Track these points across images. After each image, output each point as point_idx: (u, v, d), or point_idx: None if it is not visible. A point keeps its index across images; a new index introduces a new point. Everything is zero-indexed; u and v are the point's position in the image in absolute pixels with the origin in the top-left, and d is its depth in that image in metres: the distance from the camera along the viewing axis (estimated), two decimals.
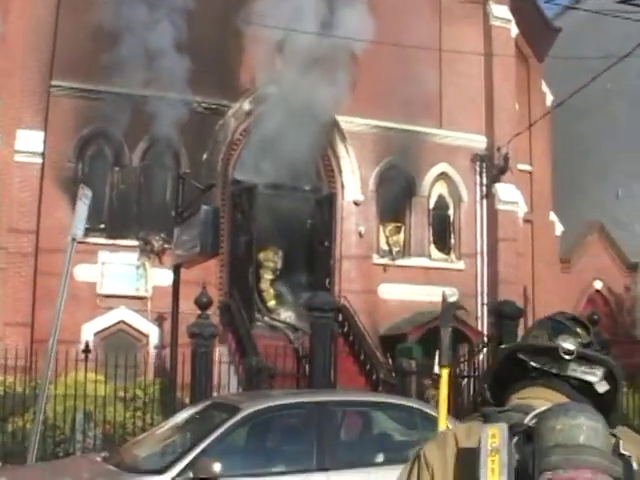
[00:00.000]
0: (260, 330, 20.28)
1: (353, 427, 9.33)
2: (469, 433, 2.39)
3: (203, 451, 7.61)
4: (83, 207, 11.62)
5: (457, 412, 9.96)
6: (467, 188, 24.02)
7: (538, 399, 2.39)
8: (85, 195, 11.70)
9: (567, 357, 2.45)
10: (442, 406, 3.63)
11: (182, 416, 9.70)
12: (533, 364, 2.50)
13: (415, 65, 22.35)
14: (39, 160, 20.24)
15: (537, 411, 2.29)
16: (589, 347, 2.54)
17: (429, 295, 22.47)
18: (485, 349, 14.73)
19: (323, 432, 8.27)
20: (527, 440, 2.22)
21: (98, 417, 14.23)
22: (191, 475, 7.40)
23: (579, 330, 2.71)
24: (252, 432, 8.51)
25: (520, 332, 13.55)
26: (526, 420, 2.27)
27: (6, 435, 13.78)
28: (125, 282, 20.32)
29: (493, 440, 2.19)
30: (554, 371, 2.47)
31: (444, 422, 3.59)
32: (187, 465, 7.46)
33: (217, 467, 7.32)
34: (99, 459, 8.53)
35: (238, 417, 8.02)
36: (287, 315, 22.13)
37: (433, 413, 9.00)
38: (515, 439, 2.22)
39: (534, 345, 2.56)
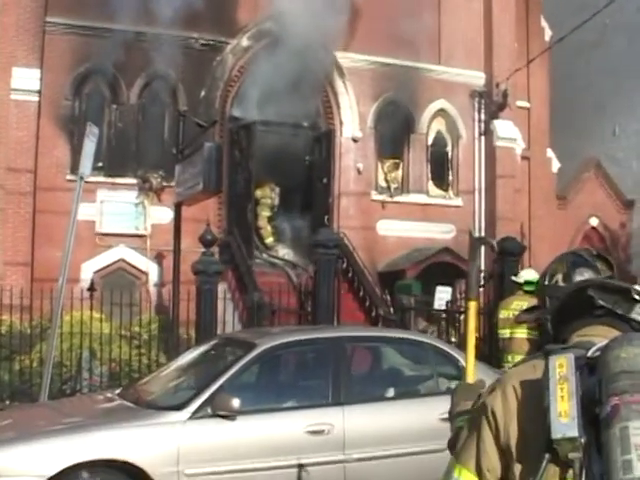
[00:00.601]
0: (259, 267, 20.31)
1: (365, 362, 9.41)
2: (534, 370, 2.40)
3: (221, 387, 7.67)
4: (90, 145, 11.57)
5: (459, 347, 10.02)
6: (465, 125, 23.91)
7: (599, 337, 2.41)
8: (92, 133, 11.64)
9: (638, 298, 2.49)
10: (470, 339, 3.64)
11: (193, 353, 9.77)
12: (601, 302, 2.51)
13: (414, 0, 22.12)
14: (35, 98, 20.07)
15: (600, 344, 2.31)
16: None
17: (427, 232, 22.58)
18: (485, 286, 14.75)
19: (338, 367, 8.33)
20: (590, 373, 2.25)
21: (103, 355, 14.30)
22: (209, 411, 7.48)
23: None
24: (268, 368, 8.58)
25: (520, 269, 13.58)
26: (589, 353, 2.30)
27: (13, 374, 13.86)
28: (124, 220, 20.27)
29: (561, 369, 2.25)
30: (619, 311, 2.49)
31: (472, 354, 3.60)
32: (205, 401, 7.54)
33: (236, 403, 7.39)
34: (115, 396, 8.59)
35: (254, 353, 8.07)
36: (285, 252, 22.16)
37: (445, 348, 9.10)
38: (578, 372, 2.25)
39: (606, 283, 2.57)
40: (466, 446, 2.48)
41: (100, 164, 20.14)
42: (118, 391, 8.95)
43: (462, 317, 16.25)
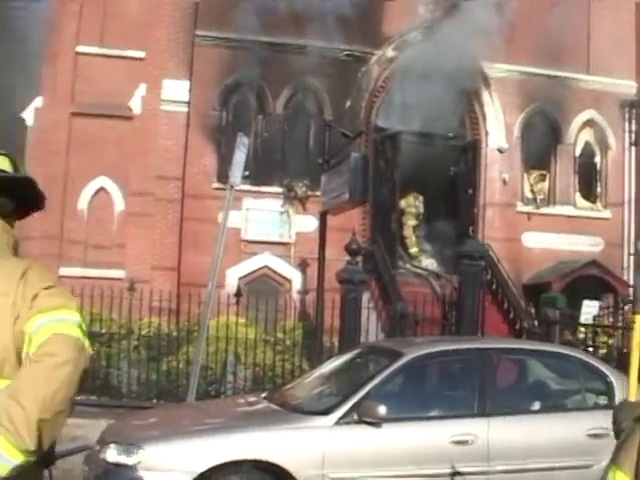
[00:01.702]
0: (403, 277, 20.26)
1: (511, 374, 9.25)
2: None
3: (367, 394, 7.68)
4: (241, 155, 11.83)
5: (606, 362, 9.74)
6: (615, 135, 23.29)
7: None
8: (243, 143, 11.89)
9: None
10: (635, 354, 3.50)
11: (337, 360, 9.83)
12: None
13: (562, 8, 21.68)
14: (185, 109, 20.68)
15: None
16: None
17: (573, 244, 22.09)
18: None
19: (484, 378, 8.23)
20: None
21: (247, 359, 14.54)
22: (355, 417, 7.50)
23: None
24: (413, 377, 8.54)
25: None
26: None
27: (160, 374, 14.23)
28: (269, 228, 20.60)
29: None
30: None
31: (636, 370, 3.46)
32: (352, 407, 7.56)
33: (382, 410, 7.39)
34: (262, 399, 8.71)
35: (401, 362, 8.05)
36: (429, 262, 22.04)
37: (593, 362, 8.86)
38: None
39: None
40: (623, 449, 2.46)
41: (247, 173, 20.47)
42: (264, 394, 9.07)
43: (610, 331, 15.85)
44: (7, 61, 23.79)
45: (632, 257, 22.49)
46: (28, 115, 21.59)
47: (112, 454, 7.27)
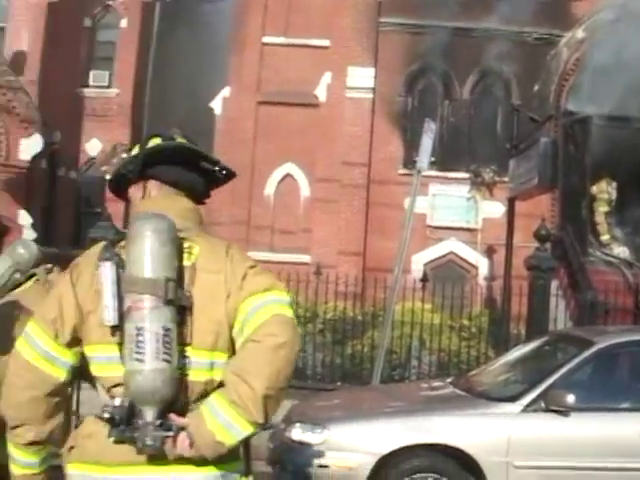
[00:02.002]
0: (593, 265, 19.66)
1: None
2: None
3: (555, 382, 7.51)
4: (428, 140, 11.79)
5: None
6: None
7: None
8: (430, 129, 11.86)
9: None
10: None
11: (524, 348, 9.66)
12: None
13: None
14: (370, 95, 20.77)
15: None
16: None
17: None
18: None
19: None
20: None
21: (432, 345, 14.50)
22: (542, 405, 7.34)
23: None
24: (603, 367, 8.26)
25: None
26: None
27: (344, 357, 14.38)
28: (455, 214, 20.45)
29: None
30: None
31: None
32: (539, 395, 7.41)
33: (570, 399, 7.21)
34: (448, 384, 8.67)
35: (591, 351, 7.83)
36: (621, 250, 21.26)
37: None
38: None
39: None
40: None
41: (433, 159, 20.31)
42: (450, 380, 9.02)
43: None
44: (197, 53, 24.62)
45: None
46: (216, 104, 22.24)
47: (297, 433, 7.45)
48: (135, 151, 3.13)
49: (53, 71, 22.64)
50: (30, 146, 21.15)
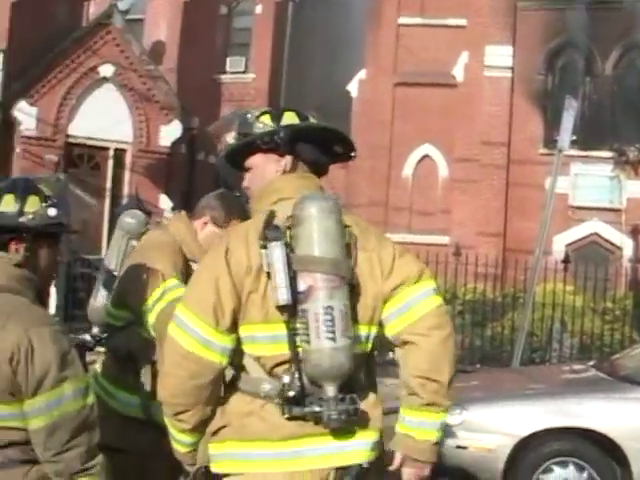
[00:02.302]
0: None
1: None
2: None
3: None
4: (569, 118, 11.52)
5: None
6: None
7: None
8: (571, 106, 11.58)
9: None
10: None
11: None
12: None
13: None
14: (508, 74, 20.47)
15: None
16: None
17: None
18: None
19: None
20: None
21: (573, 327, 14.18)
22: None
23: None
24: None
25: None
26: None
27: (484, 339, 14.22)
28: (598, 194, 19.93)
29: None
30: None
31: None
32: None
33: None
34: (590, 367, 8.46)
35: None
36: None
37: None
38: None
39: None
40: None
41: (574, 137, 19.87)
42: (592, 363, 8.81)
43: None
44: (332, 36, 24.71)
45: None
46: (353, 87, 22.30)
47: None
48: (267, 122, 3.08)
49: (191, 59, 23.11)
50: (170, 132, 21.66)
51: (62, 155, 20.76)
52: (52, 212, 3.07)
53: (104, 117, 20.41)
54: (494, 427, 7.13)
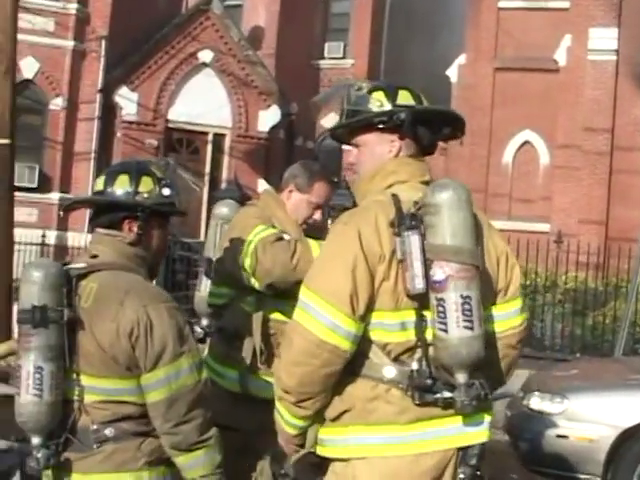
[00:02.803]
0: None
1: None
2: None
3: None
4: None
5: None
6: None
7: None
8: None
9: None
10: None
11: None
12: None
13: None
14: (613, 57, 19.97)
15: None
16: None
17: None
18: None
19: None
20: None
21: None
22: None
23: None
24: None
25: None
26: None
27: (585, 328, 13.94)
28: None
29: None
30: None
31: None
32: None
33: None
34: None
35: None
36: None
37: None
38: None
39: None
40: None
41: None
42: None
43: None
44: (432, 21, 24.52)
45: None
46: (452, 72, 22.08)
47: (536, 402, 7.29)
48: (382, 99, 2.98)
49: (289, 44, 23.22)
50: (268, 117, 21.83)
51: (162, 140, 21.07)
52: (166, 192, 3.19)
53: (203, 102, 20.69)
54: (596, 417, 7.00)
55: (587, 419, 7.00)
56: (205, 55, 21.16)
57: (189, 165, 20.99)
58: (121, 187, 3.14)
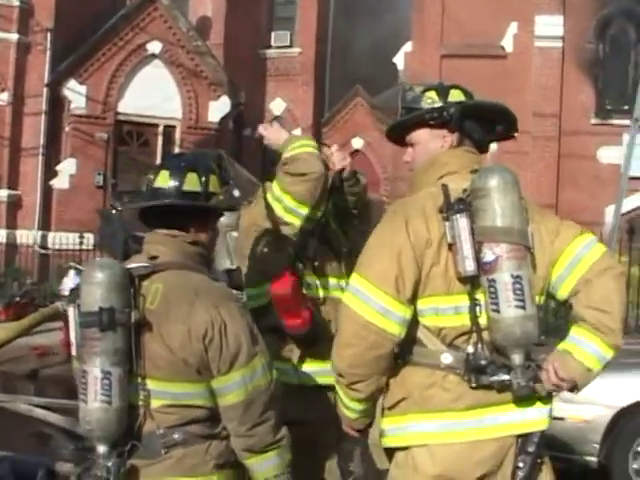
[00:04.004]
0: None
1: None
2: None
3: None
4: None
5: None
6: None
7: None
8: None
9: None
10: None
11: None
12: None
13: None
14: (559, 44, 20.26)
15: None
16: None
17: None
18: None
19: None
20: None
21: (638, 298, 14.11)
22: None
23: None
24: None
25: None
26: None
27: (549, 312, 14.14)
28: None
29: None
30: None
31: None
32: None
33: None
34: None
35: None
36: None
37: None
38: None
39: None
40: None
41: (626, 107, 19.74)
42: None
43: None
44: (377, 8, 24.57)
45: None
46: (399, 59, 22.15)
47: None
48: (434, 97, 3.10)
49: (236, 34, 23.11)
50: (218, 108, 21.71)
51: (112, 133, 20.85)
52: (237, 193, 3.28)
53: (153, 94, 20.50)
54: (591, 398, 6.98)
55: (582, 400, 7.01)
56: (154, 46, 20.96)
57: (140, 158, 20.81)
58: (190, 186, 3.01)
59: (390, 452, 2.96)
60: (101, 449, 2.86)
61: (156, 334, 2.88)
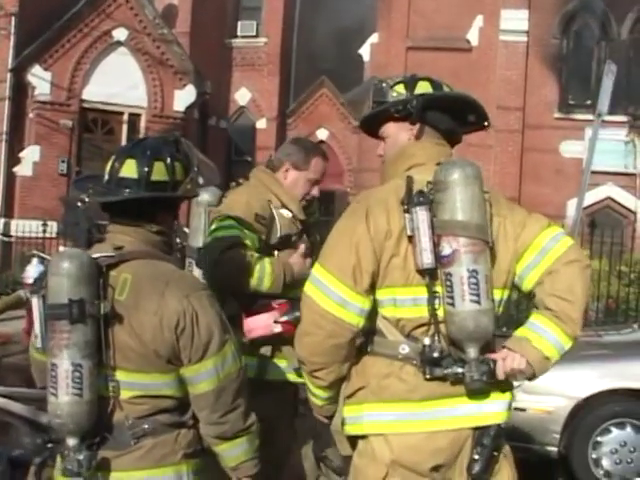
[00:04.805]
0: None
1: None
2: None
3: None
4: (608, 83, 11.53)
5: None
6: None
7: None
8: (611, 71, 11.59)
9: None
10: None
11: None
12: None
13: None
14: (524, 38, 20.43)
15: None
16: None
17: None
18: None
19: None
20: None
21: (598, 292, 14.23)
22: None
23: None
24: None
25: None
26: None
27: (511, 303, 14.30)
28: (612, 159, 19.91)
29: None
30: None
31: None
32: None
33: None
34: (638, 330, 8.57)
35: None
36: None
37: None
38: None
39: None
40: None
41: (588, 102, 19.97)
42: (637, 325, 8.92)
43: None
44: (345, 1, 24.59)
45: None
46: (365, 51, 22.21)
47: None
48: (401, 90, 3.12)
49: (202, 23, 23.01)
50: (184, 97, 21.58)
51: (76, 120, 20.69)
52: (201, 180, 3.02)
53: (118, 82, 20.34)
54: (552, 389, 7.13)
55: (544, 391, 7.10)
56: (119, 33, 20.77)
57: (104, 146, 20.67)
58: (158, 176, 2.92)
59: (353, 440, 2.99)
60: (71, 442, 2.82)
61: (126, 325, 2.82)
